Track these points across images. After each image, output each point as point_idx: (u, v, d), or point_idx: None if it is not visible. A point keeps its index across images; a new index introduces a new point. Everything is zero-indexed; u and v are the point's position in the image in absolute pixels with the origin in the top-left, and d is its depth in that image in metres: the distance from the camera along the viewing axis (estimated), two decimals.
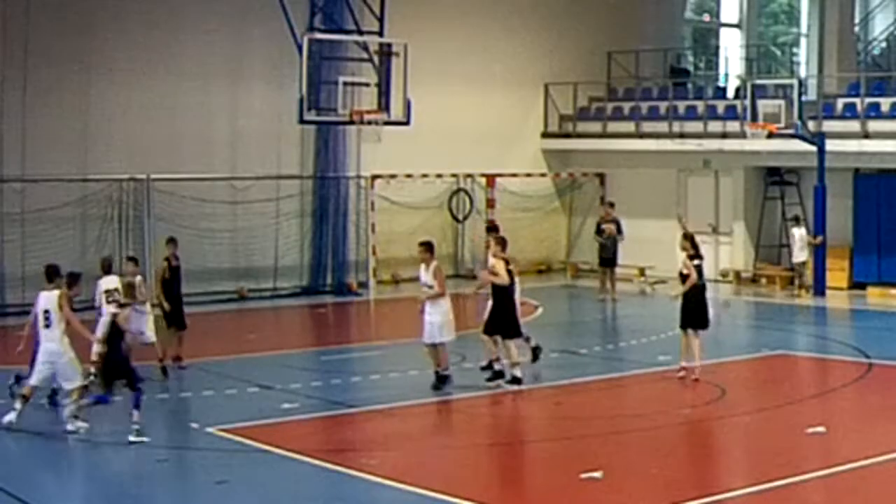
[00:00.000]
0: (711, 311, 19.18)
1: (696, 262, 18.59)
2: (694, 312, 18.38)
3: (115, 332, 15.05)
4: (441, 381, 17.48)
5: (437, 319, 17.40)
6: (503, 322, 17.74)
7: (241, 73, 28.00)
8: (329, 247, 29.14)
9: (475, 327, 18.76)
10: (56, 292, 15.29)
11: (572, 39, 33.08)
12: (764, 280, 30.28)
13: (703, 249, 20.00)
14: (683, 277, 18.49)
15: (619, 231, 28.13)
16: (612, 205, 29.22)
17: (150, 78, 26.47)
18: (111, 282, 17.37)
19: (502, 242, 18.20)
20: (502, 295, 17.71)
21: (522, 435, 15.70)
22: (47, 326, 15.19)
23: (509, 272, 17.77)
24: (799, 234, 28.21)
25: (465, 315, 22.18)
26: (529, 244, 32.54)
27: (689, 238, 18.74)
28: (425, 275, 17.63)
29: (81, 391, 15.09)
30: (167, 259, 19.14)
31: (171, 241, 19.56)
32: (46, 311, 15.20)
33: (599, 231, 28.36)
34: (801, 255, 28.20)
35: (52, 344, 15.18)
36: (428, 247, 17.95)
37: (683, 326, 18.46)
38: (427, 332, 17.47)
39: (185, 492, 12.87)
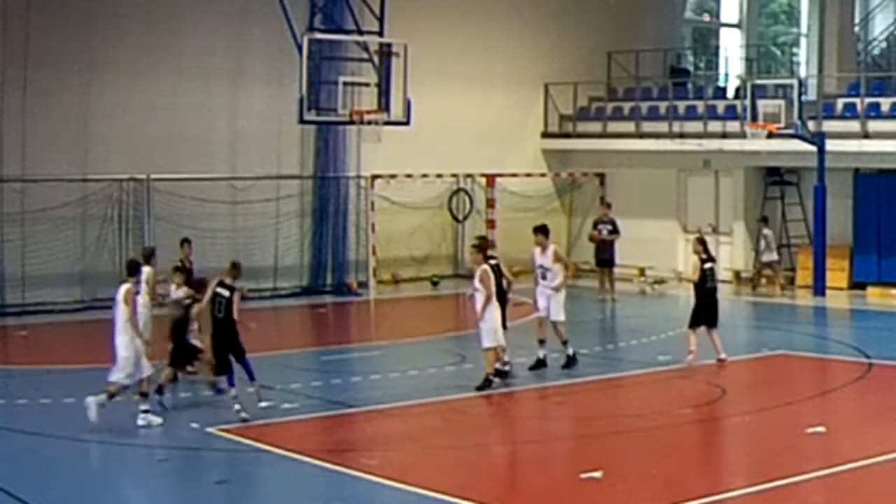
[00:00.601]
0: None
1: (707, 265, 19.42)
2: (708, 311, 19.34)
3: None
4: (486, 383, 17.43)
5: (482, 325, 17.45)
6: None
7: (241, 73, 27.99)
8: (329, 247, 29.13)
9: (473, 327, 18.87)
10: (126, 286, 15.59)
11: (572, 39, 33.07)
12: (764, 280, 30.27)
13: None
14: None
15: (616, 231, 28.14)
16: (608, 205, 29.20)
17: (150, 78, 26.47)
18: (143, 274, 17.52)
19: (485, 241, 18.84)
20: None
21: (522, 435, 15.70)
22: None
23: (496, 270, 17.91)
24: (769, 234, 28.24)
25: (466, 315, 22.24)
26: (530, 244, 32.45)
27: (701, 242, 19.64)
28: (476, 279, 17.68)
29: (119, 390, 15.36)
30: (182, 261, 19.05)
31: (187, 241, 19.45)
32: (116, 302, 15.61)
33: (597, 232, 28.30)
34: (769, 254, 28.25)
35: (117, 336, 15.55)
36: (476, 248, 18.02)
37: (695, 325, 19.34)
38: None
39: (185, 492, 12.87)
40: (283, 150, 28.54)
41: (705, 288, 19.36)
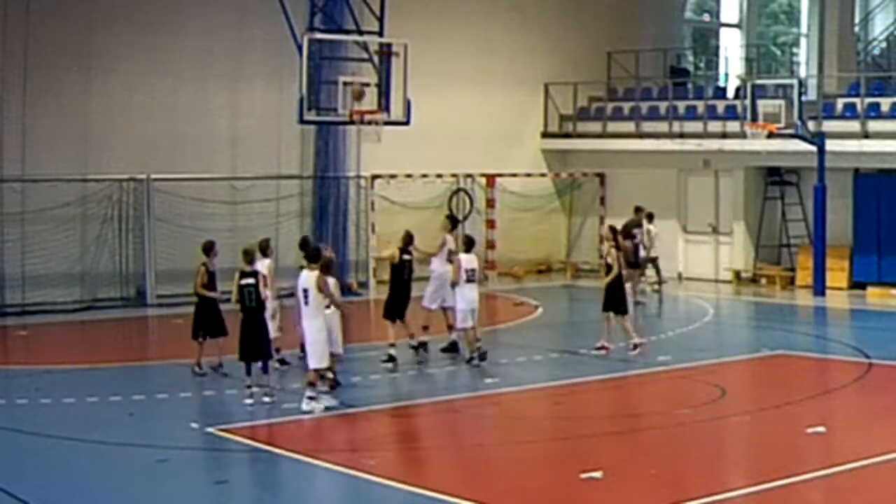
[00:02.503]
0: (711, 311, 19.71)
1: (615, 252, 20.22)
2: (618, 298, 20.00)
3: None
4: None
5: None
6: (389, 304, 19.53)
7: (241, 73, 27.99)
8: (329, 247, 29.10)
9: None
10: (315, 273, 15.98)
11: (572, 39, 33.08)
12: (764, 280, 30.29)
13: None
14: (609, 267, 20.02)
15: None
16: (642, 210, 28.42)
17: (150, 78, 26.47)
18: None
19: (409, 236, 19.89)
20: (392, 279, 19.61)
21: (522, 435, 15.68)
22: (306, 305, 16.01)
23: (403, 261, 19.52)
24: (654, 231, 27.98)
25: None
26: (529, 244, 32.58)
27: (613, 231, 20.49)
28: None
29: (320, 374, 16.06)
30: (205, 264, 18.65)
31: (212, 245, 18.86)
32: (305, 290, 15.98)
33: (632, 237, 27.59)
34: (652, 250, 27.95)
35: (308, 322, 15.98)
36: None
37: (607, 310, 20.02)
38: None
39: (185, 492, 12.86)
40: (283, 150, 28.54)
41: (617, 274, 20.04)
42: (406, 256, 19.59)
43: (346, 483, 13.00)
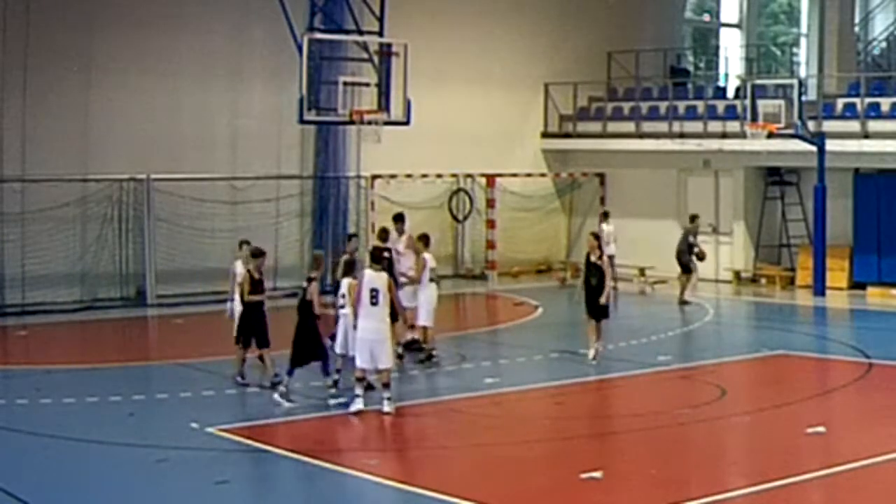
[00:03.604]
0: (711, 311, 19.71)
1: (607, 258, 20.17)
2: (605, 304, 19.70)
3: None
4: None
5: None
6: None
7: (241, 73, 28.00)
8: (329, 247, 29.10)
9: (473, 327, 18.93)
10: (384, 273, 15.93)
11: (572, 39, 33.09)
12: (764, 280, 30.29)
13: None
14: (602, 274, 19.47)
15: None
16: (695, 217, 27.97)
17: (150, 78, 26.47)
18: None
19: (385, 233, 20.24)
20: None
21: (522, 435, 15.68)
22: (374, 305, 15.78)
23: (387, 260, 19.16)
24: (607, 230, 27.94)
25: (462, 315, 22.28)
26: (529, 244, 32.58)
27: (598, 238, 20.18)
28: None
29: (391, 371, 16.12)
30: (250, 272, 18.04)
31: (262, 254, 18.06)
32: (374, 290, 15.78)
33: (691, 247, 27.31)
34: (608, 249, 27.82)
35: (377, 322, 15.82)
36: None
37: (601, 318, 19.70)
38: None
39: (185, 492, 12.87)
40: (283, 150, 28.55)
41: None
42: (385, 254, 19.22)
43: (346, 483, 13.00)
